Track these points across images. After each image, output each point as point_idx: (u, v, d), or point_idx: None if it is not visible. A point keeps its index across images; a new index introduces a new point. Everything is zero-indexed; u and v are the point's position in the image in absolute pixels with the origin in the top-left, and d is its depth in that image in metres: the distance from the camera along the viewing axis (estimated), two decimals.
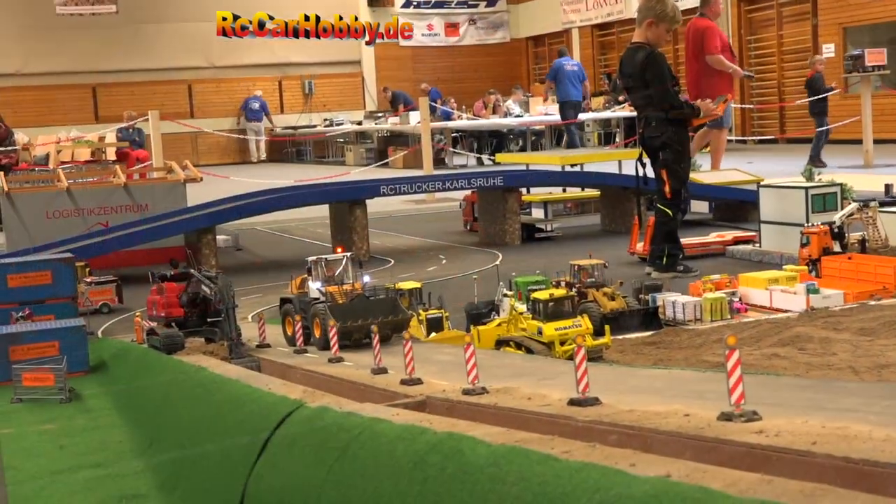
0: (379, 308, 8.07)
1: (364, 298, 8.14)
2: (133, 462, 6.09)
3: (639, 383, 5.52)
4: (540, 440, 3.41)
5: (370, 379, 6.28)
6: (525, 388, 5.14)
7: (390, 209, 22.01)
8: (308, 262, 8.52)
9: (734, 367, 3.54)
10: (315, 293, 8.37)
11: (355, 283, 8.41)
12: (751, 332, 8.73)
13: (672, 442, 3.47)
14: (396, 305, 8.14)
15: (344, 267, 8.53)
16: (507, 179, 16.42)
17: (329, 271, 8.50)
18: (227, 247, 17.85)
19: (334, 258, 8.59)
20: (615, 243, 15.35)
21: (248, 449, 4.80)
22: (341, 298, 8.17)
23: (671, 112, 11.96)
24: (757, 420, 3.57)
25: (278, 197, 16.71)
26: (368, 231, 15.83)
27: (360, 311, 8.00)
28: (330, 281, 8.41)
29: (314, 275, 8.49)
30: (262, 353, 8.23)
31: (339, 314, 7.93)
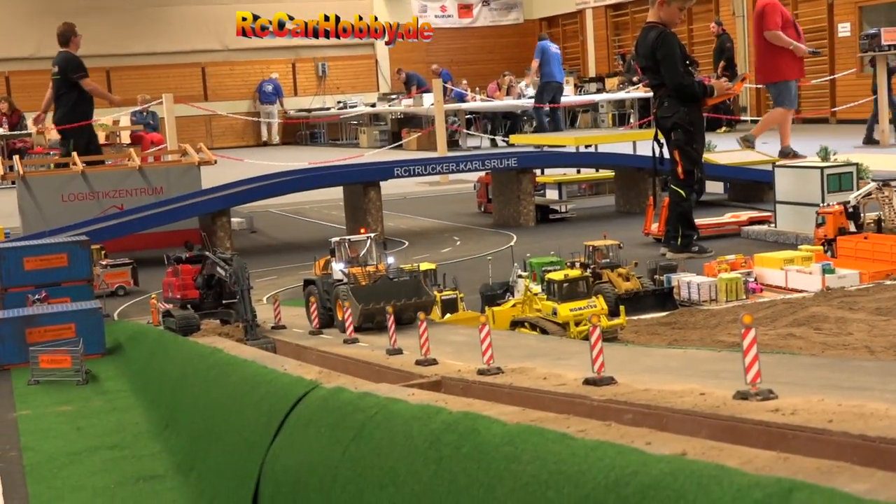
0: (402, 290, 8.00)
1: (387, 280, 8.08)
2: (150, 443, 6.12)
3: (654, 363, 5.52)
4: (555, 419, 3.41)
5: (385, 360, 6.30)
6: (540, 368, 5.14)
7: (404, 191, 22.01)
8: (331, 243, 8.47)
9: (750, 345, 3.53)
10: (338, 274, 8.31)
11: (379, 265, 8.35)
12: (766, 312, 8.72)
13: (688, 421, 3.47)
14: (420, 287, 8.06)
15: (368, 248, 8.47)
16: (521, 161, 16.40)
17: (353, 252, 8.44)
18: (242, 229, 17.88)
19: (358, 239, 8.53)
20: (630, 224, 15.33)
21: (264, 430, 4.82)
22: (364, 280, 8.09)
23: (682, 91, 11.91)
24: (773, 399, 3.56)
25: (292, 179, 16.72)
26: (383, 213, 15.83)
27: (383, 293, 7.93)
28: (353, 262, 8.34)
29: (338, 256, 8.44)
30: (278, 335, 8.25)
31: (361, 296, 7.87)
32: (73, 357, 7.90)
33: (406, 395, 4.30)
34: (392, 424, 3.90)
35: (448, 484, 3.27)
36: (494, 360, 5.25)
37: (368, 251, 8.45)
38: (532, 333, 7.78)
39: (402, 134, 35.65)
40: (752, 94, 35.11)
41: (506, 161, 16.43)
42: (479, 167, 16.79)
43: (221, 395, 5.69)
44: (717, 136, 28.18)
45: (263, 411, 4.97)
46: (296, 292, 12.10)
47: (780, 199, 13.09)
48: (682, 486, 2.43)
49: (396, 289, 8.03)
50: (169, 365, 7.19)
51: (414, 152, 31.51)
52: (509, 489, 2.97)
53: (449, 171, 17.03)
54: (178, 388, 6.57)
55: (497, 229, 16.39)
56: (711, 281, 9.54)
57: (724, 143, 21.27)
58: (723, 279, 9.50)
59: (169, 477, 5.47)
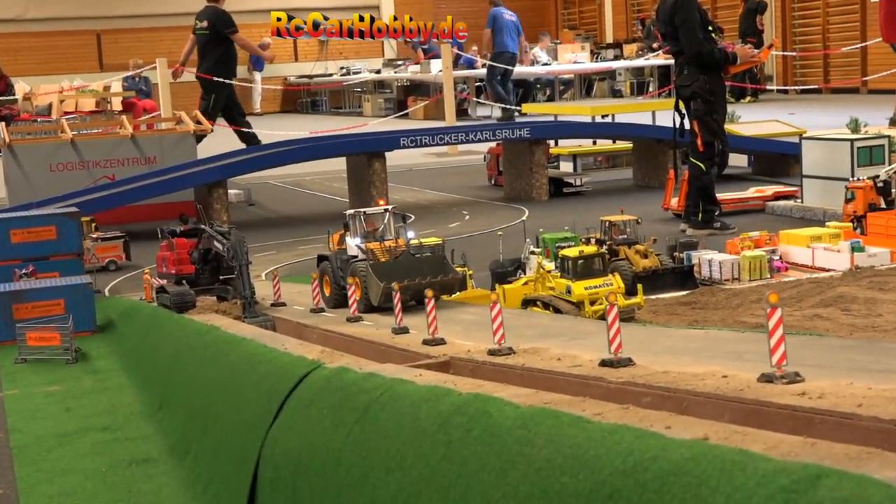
0: (426, 267, 7.86)
1: (409, 256, 7.96)
2: (143, 425, 6.15)
3: (674, 344, 5.52)
4: (570, 402, 3.43)
5: (391, 339, 6.31)
6: (554, 348, 5.15)
7: (410, 162, 22.01)
8: (346, 216, 8.37)
9: (776, 326, 3.53)
10: (354, 250, 8.21)
11: (398, 240, 8.25)
12: (791, 291, 8.72)
13: (709, 404, 3.48)
14: (445, 264, 7.93)
15: (386, 221, 8.37)
16: (534, 131, 16.37)
17: (369, 226, 8.34)
18: (240, 201, 17.89)
19: (375, 212, 8.42)
20: (648, 198, 15.32)
21: (263, 411, 4.84)
22: (383, 256, 7.98)
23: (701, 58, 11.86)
24: (799, 382, 3.57)
25: (292, 149, 16.71)
26: (387, 185, 15.83)
27: (404, 271, 7.79)
28: (370, 237, 8.24)
29: (352, 230, 8.34)
30: (277, 312, 8.26)
31: (381, 273, 7.76)
32: (63, 334, 7.92)
33: (413, 375, 4.32)
34: (398, 406, 3.92)
35: (458, 468, 3.29)
36: (506, 340, 5.27)
37: (386, 225, 8.35)
38: (545, 313, 7.78)
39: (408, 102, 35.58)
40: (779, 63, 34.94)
41: (518, 131, 16.39)
42: (489, 138, 16.77)
43: (218, 375, 5.72)
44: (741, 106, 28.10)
45: (263, 392, 4.99)
46: (296, 268, 12.11)
47: (808, 172, 13.06)
48: (704, 472, 2.44)
49: (419, 265, 7.91)
50: (163, 343, 7.22)
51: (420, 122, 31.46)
52: (522, 473, 2.98)
53: (457, 141, 17.02)
54: (173, 367, 6.59)
55: (508, 203, 16.39)
56: (734, 259, 9.54)
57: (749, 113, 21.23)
58: (746, 257, 9.50)
59: (163, 460, 5.50)
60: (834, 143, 12.55)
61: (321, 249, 8.82)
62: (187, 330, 6.99)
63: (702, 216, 12.19)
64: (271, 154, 16.13)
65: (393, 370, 4.51)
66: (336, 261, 8.16)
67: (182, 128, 16.71)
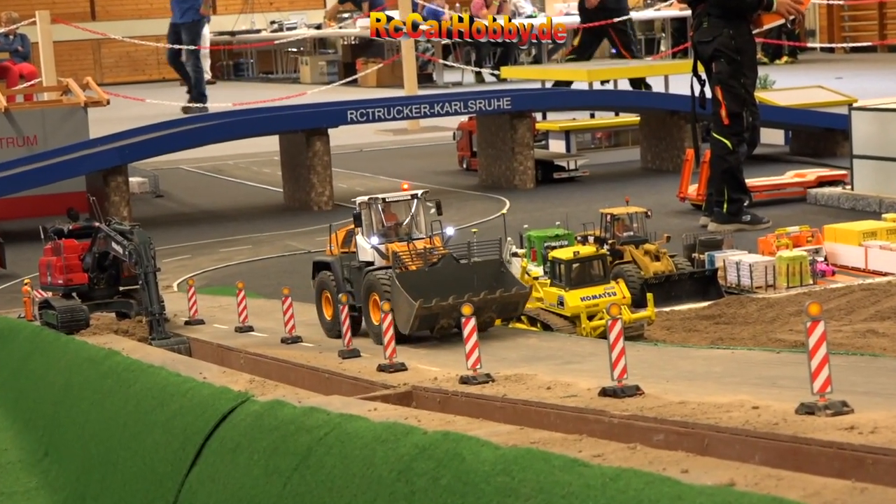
0: (477, 277, 7.02)
1: (452, 262, 7.16)
2: (23, 477, 6.15)
3: (693, 368, 5.59)
4: (563, 441, 3.47)
5: (338, 364, 6.36)
6: (543, 374, 5.21)
7: (361, 142, 22.05)
8: (356, 207, 7.56)
9: (818, 344, 3.60)
10: (369, 254, 7.43)
11: (432, 238, 7.46)
12: (840, 301, 8.85)
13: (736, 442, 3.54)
14: (503, 272, 7.12)
15: (413, 212, 7.59)
16: (517, 101, 16.43)
17: (389, 219, 7.58)
18: (144, 192, 17.87)
19: (397, 199, 7.58)
20: (660, 186, 15.44)
21: (177, 457, 4.86)
22: (414, 263, 7.17)
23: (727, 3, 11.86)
24: (847, 413, 3.63)
25: (211, 126, 16.69)
26: (331, 171, 15.87)
27: (446, 283, 6.93)
28: (391, 235, 7.48)
29: (366, 225, 7.55)
30: (194, 332, 8.27)
31: (413, 287, 6.95)
32: None
33: (366, 410, 4.35)
34: (348, 449, 3.95)
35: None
36: (482, 364, 5.32)
37: (414, 218, 7.56)
38: (532, 329, 7.84)
39: (357, 65, 35.62)
40: (823, 14, 35.20)
41: (496, 102, 16.47)
42: (460, 110, 16.81)
43: (120, 412, 5.73)
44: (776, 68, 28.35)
45: (176, 433, 5.00)
46: (217, 276, 12.13)
47: (859, 152, 13.19)
48: None
49: (467, 275, 7.04)
50: (49, 372, 7.22)
51: (373, 90, 31.52)
52: None
53: (420, 114, 17.06)
54: (61, 403, 6.60)
55: (484, 192, 16.45)
56: (768, 261, 9.64)
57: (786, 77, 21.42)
58: (783, 259, 9.60)
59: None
60: (892, 114, 12.70)
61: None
62: (79, 356, 6.99)
63: (727, 207, 12.28)
64: (184, 132, 16.10)
65: (341, 404, 4.55)
66: (342, 269, 7.39)
67: (70, 99, 16.68)
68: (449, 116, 17.26)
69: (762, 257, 9.82)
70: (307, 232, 13.88)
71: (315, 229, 13.29)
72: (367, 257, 7.04)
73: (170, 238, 13.98)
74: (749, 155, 12.80)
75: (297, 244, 13.27)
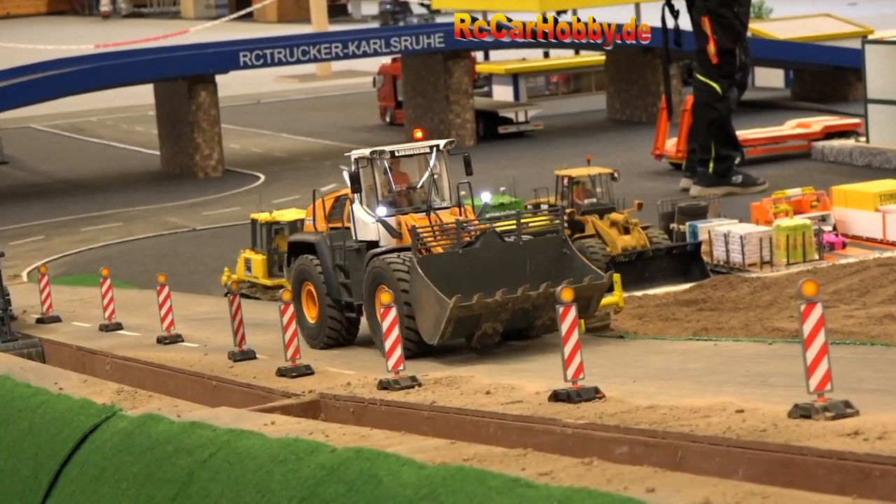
0: (533, 261, 6.86)
1: (494, 239, 7.00)
2: None
3: (666, 364, 5.69)
4: (504, 457, 3.54)
5: (228, 369, 6.39)
6: (481, 376, 5.27)
7: (257, 91, 22.05)
8: (351, 164, 7.33)
9: (814, 331, 3.67)
10: (371, 230, 7.25)
11: (463, 208, 7.22)
12: (852, 279, 8.94)
13: (716, 453, 3.61)
14: (567, 255, 6.95)
15: (432, 171, 7.38)
16: (452, 38, 16.50)
17: (399, 181, 7.37)
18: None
19: (410, 152, 7.40)
20: (631, 141, 15.56)
21: (26, 487, 4.89)
22: (440, 242, 6.95)
23: None
24: (851, 415, 3.72)
25: (68, 73, 16.67)
26: (221, 129, 15.87)
27: (489, 270, 6.77)
28: (403, 203, 7.29)
29: (367, 190, 7.35)
30: (48, 332, 8.28)
31: (444, 277, 6.74)
32: None
33: (262, 424, 4.40)
34: (239, 472, 4.00)
35: None
36: (406, 365, 5.36)
37: (433, 178, 7.34)
38: None
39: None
40: None
41: (426, 39, 16.51)
42: (381, 49, 16.85)
43: None
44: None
45: (25, 457, 5.04)
46: (77, 262, 12.11)
47: (875, 96, 13.34)
48: None
49: (518, 259, 6.87)
50: None
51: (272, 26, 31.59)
52: None
53: (332, 56, 17.08)
54: None
55: None
56: (764, 232, 9.72)
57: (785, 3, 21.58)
58: (782, 228, 9.69)
59: None
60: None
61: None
62: None
63: (714, 166, 12.38)
64: (32, 82, 16.08)
65: (230, 417, 4.60)
66: (331, 252, 7.20)
67: None
68: (367, 58, 17.30)
69: (757, 227, 9.91)
70: (191, 205, 13.93)
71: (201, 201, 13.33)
72: (369, 235, 6.90)
73: (17, 215, 13.98)
74: (738, 101, 12.91)
75: (179, 220, 13.31)
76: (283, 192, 14.46)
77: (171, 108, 15.46)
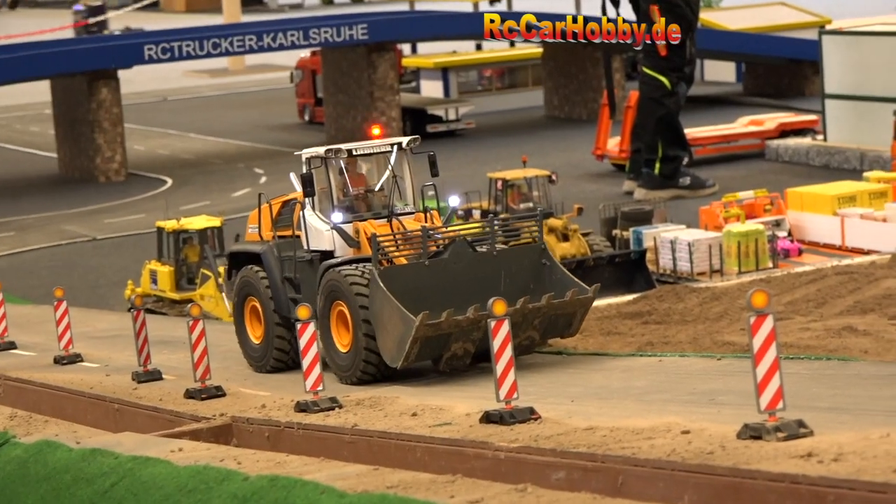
0: (507, 273, 6.91)
1: (465, 249, 7.03)
2: None
3: (607, 382, 5.73)
4: (432, 484, 3.56)
5: (132, 390, 6.39)
6: (407, 397, 5.29)
7: (164, 87, 22.04)
8: (303, 164, 7.31)
9: (765, 345, 3.71)
10: (325, 239, 7.20)
11: (429, 213, 7.25)
12: (808, 289, 9.02)
13: (660, 478, 3.65)
14: (547, 265, 6.99)
15: (394, 172, 7.38)
16: (376, 29, 16.52)
17: (357, 183, 7.38)
18: None
19: (368, 150, 7.40)
20: (570, 140, 15.64)
21: None
22: (404, 251, 6.97)
23: None
24: (805, 436, 3.75)
25: None
26: (124, 128, 15.85)
27: (459, 284, 6.79)
28: (361, 208, 7.28)
29: (321, 193, 7.31)
30: None
31: (409, 292, 6.75)
32: None
33: (168, 451, 4.41)
34: (143, 503, 4.01)
35: None
36: (325, 385, 5.38)
37: (396, 179, 7.35)
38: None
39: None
40: None
41: (348, 30, 16.54)
42: (299, 42, 16.86)
43: None
44: None
45: None
46: None
47: (833, 90, 13.44)
48: None
49: (492, 271, 6.91)
50: None
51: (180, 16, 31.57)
52: None
53: (245, 49, 17.07)
54: None
55: None
56: (713, 238, 9.80)
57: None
58: (733, 234, 9.77)
59: None
60: (876, 39, 12.96)
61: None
62: None
63: (660, 167, 12.46)
64: None
65: (134, 444, 4.59)
66: (279, 264, 7.21)
67: None
68: (284, 51, 17.30)
69: (706, 233, 9.99)
70: (91, 212, 13.90)
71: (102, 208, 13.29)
72: (322, 244, 6.89)
73: None
74: (685, 96, 13.01)
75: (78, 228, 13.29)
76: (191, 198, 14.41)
77: (70, 107, 15.37)
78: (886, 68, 12.34)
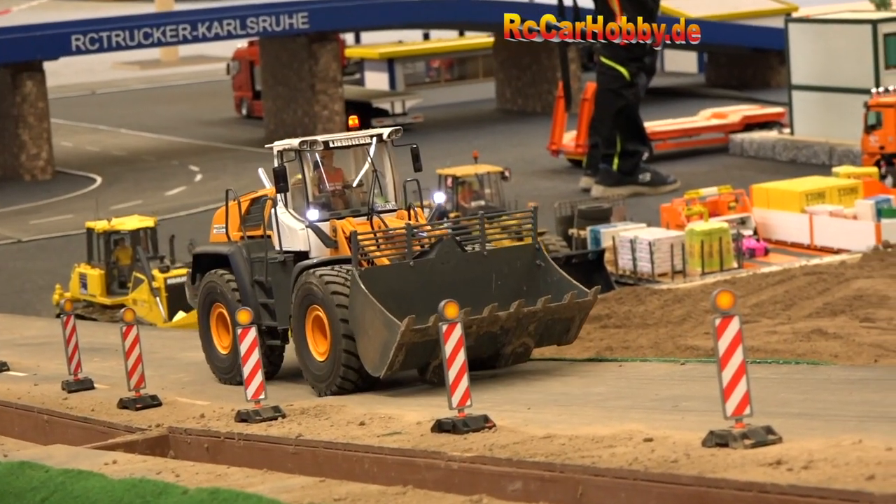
0: (498, 275, 6.93)
1: (453, 248, 7.05)
2: None
3: (566, 388, 5.77)
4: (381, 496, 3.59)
5: (62, 401, 6.41)
6: (354, 405, 5.32)
7: (93, 80, 22.02)
8: (274, 157, 7.27)
9: (731, 348, 3.74)
10: (299, 238, 7.20)
11: (413, 209, 7.24)
12: (776, 290, 9.09)
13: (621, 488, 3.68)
14: (542, 267, 6.96)
15: (374, 166, 7.35)
16: (317, 18, 16.55)
17: (334, 178, 7.37)
18: None
19: (346, 142, 7.36)
20: (524, 134, 15.69)
21: None
22: (386, 251, 6.97)
23: None
24: (773, 443, 3.80)
25: None
26: (50, 123, 15.84)
27: (446, 286, 6.78)
28: (338, 205, 7.25)
29: (295, 189, 7.26)
30: None
31: (392, 295, 6.78)
32: None
33: (102, 464, 4.43)
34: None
35: None
36: (268, 393, 5.40)
37: (376, 174, 7.34)
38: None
39: None
40: None
41: (287, 19, 16.56)
42: (236, 31, 16.89)
43: None
44: None
45: None
46: None
47: (800, 81, 13.53)
48: None
49: (483, 272, 6.93)
50: None
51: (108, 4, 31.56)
52: None
53: (178, 39, 17.09)
54: None
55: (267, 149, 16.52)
56: (675, 237, 9.86)
57: None
58: (696, 233, 9.83)
59: None
60: (844, 27, 13.05)
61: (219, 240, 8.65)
62: None
63: (619, 163, 12.52)
64: None
65: (66, 456, 4.61)
66: (249, 267, 7.19)
67: None
68: (220, 41, 17.31)
69: (667, 232, 10.05)
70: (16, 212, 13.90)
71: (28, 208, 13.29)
72: (296, 244, 6.87)
73: None
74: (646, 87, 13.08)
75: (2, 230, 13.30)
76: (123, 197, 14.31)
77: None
78: (856, 58, 12.36)
